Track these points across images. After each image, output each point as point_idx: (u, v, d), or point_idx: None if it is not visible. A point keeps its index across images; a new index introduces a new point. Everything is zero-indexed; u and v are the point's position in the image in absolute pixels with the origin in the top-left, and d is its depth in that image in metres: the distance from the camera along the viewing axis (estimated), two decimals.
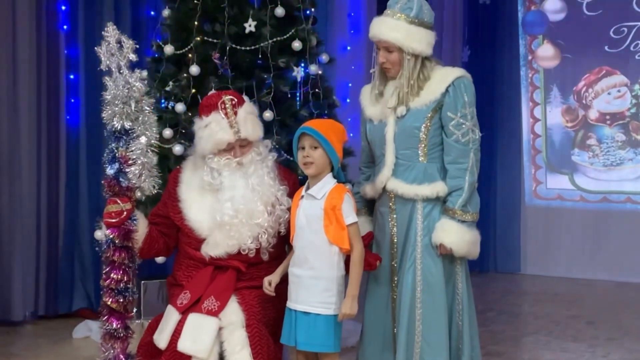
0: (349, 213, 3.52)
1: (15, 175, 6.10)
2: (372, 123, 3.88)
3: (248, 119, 3.84)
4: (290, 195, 3.80)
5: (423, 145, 3.72)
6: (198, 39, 4.96)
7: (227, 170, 3.81)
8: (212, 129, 3.80)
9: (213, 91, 4.50)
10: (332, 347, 3.53)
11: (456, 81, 3.70)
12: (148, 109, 3.44)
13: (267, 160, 3.90)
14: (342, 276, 3.55)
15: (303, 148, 3.59)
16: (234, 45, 4.97)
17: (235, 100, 3.86)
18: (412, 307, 3.68)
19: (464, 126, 3.68)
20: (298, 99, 5.18)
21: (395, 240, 3.78)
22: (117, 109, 3.37)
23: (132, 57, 3.43)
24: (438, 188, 3.70)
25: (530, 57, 8.88)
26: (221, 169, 3.82)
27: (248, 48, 4.99)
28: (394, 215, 3.78)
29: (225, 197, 3.78)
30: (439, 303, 3.68)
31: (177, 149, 4.71)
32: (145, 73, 5.06)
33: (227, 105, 3.83)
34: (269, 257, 3.84)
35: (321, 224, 3.52)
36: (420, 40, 3.72)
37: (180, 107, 4.87)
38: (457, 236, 3.65)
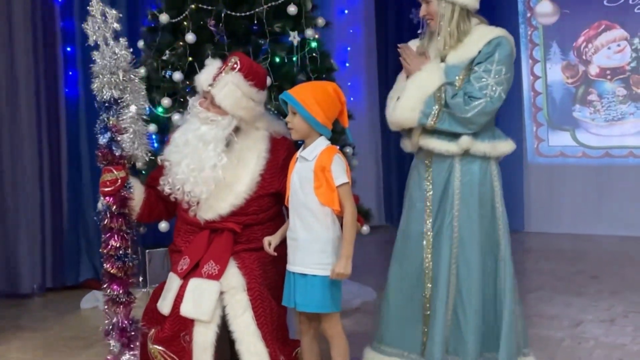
0: (338, 174, 3.52)
1: (17, 149, 6.13)
2: None
3: (228, 85, 3.80)
4: (287, 160, 3.80)
5: None
6: (193, 6, 4.94)
7: (195, 119, 3.84)
8: (205, 69, 3.91)
9: (210, 59, 4.49)
10: (329, 307, 3.56)
11: (494, 40, 3.68)
12: (136, 78, 3.46)
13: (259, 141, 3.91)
14: (337, 237, 3.55)
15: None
16: (229, 12, 4.95)
17: (238, 65, 3.85)
18: (448, 263, 3.72)
19: (483, 80, 3.66)
20: (295, 64, 5.16)
21: (430, 197, 3.80)
22: (105, 79, 3.39)
23: (116, 26, 3.44)
24: (463, 143, 3.70)
25: (528, 14, 8.83)
26: (192, 113, 3.85)
27: (243, 14, 4.97)
28: (430, 172, 3.81)
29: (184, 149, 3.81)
30: (474, 259, 3.70)
31: (176, 117, 4.71)
32: (141, 43, 5.12)
33: (229, 62, 3.86)
34: (264, 217, 3.87)
35: (312, 185, 3.53)
36: None
37: (177, 75, 4.86)
38: (424, 78, 3.68)
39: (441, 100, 3.68)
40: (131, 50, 3.51)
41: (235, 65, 3.84)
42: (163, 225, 4.74)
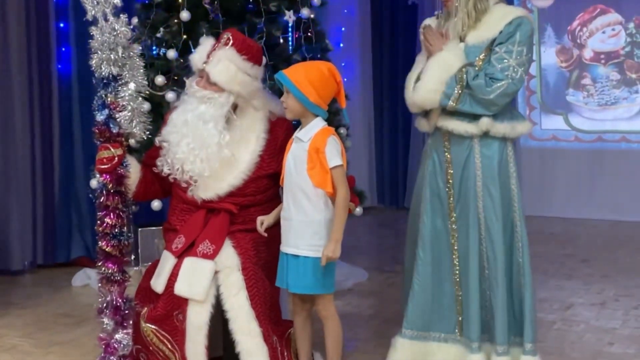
0: (332, 156, 3.50)
1: (8, 125, 6.10)
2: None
3: (222, 61, 3.77)
4: (285, 141, 3.78)
5: None
6: None
7: (192, 98, 3.80)
8: (198, 48, 3.87)
9: (204, 37, 4.46)
10: (322, 289, 3.56)
11: (515, 20, 3.65)
12: (135, 55, 3.43)
13: (260, 113, 3.89)
14: (330, 220, 3.53)
15: None
16: None
17: (231, 40, 3.82)
18: (477, 245, 3.72)
19: (505, 61, 3.62)
20: (290, 43, 5.14)
21: (451, 178, 3.78)
22: (104, 55, 3.36)
23: (117, 2, 3.41)
24: (483, 125, 3.67)
25: None
26: (189, 93, 3.82)
27: None
28: (449, 154, 3.78)
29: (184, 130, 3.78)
30: (498, 240, 3.69)
31: (170, 95, 4.68)
32: (135, 20, 5.08)
33: (222, 38, 3.82)
34: (261, 199, 3.86)
35: (306, 167, 3.52)
36: None
37: (171, 53, 4.83)
38: (446, 59, 3.65)
39: (463, 81, 3.64)
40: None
41: (228, 41, 3.82)
42: (156, 204, 4.72)
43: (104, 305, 3.47)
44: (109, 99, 3.37)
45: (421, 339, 3.88)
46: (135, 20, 5.13)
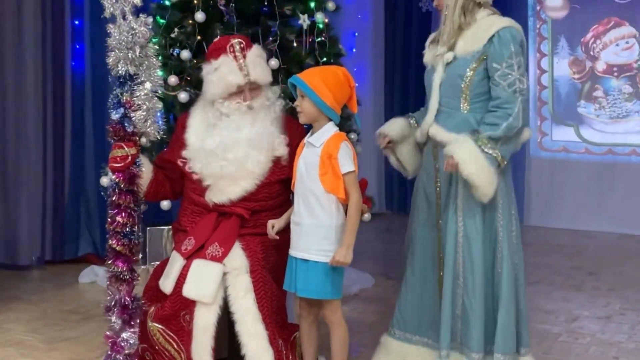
0: (345, 162, 3.51)
1: (21, 121, 6.12)
2: (426, 68, 3.89)
3: (257, 62, 3.84)
4: (294, 146, 3.79)
5: (465, 95, 3.71)
6: None
7: (237, 115, 3.81)
8: (222, 72, 3.80)
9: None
10: (330, 294, 3.57)
11: (502, 31, 3.66)
12: (152, 55, 3.43)
13: (276, 106, 3.91)
14: (341, 225, 3.55)
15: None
16: None
17: (244, 43, 3.86)
18: (454, 252, 3.73)
19: (509, 76, 3.63)
20: (304, 47, 5.14)
21: (439, 185, 3.82)
22: (121, 54, 3.36)
23: (137, 1, 3.41)
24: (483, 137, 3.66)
25: (538, 7, 8.80)
26: (231, 113, 3.82)
27: None
28: (437, 163, 3.82)
29: (228, 141, 3.78)
30: (476, 250, 3.70)
31: (183, 96, 4.69)
32: (150, 20, 5.09)
33: (236, 49, 3.83)
34: (272, 204, 3.86)
35: (318, 172, 3.53)
36: None
37: (185, 54, 4.84)
38: (471, 156, 3.55)
39: (489, 144, 3.60)
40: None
41: (244, 46, 3.85)
42: (165, 204, 4.73)
43: (112, 303, 3.46)
44: (124, 98, 3.37)
45: (407, 340, 3.92)
46: (149, 19, 5.15)
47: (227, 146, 3.77)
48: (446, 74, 3.73)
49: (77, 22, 6.43)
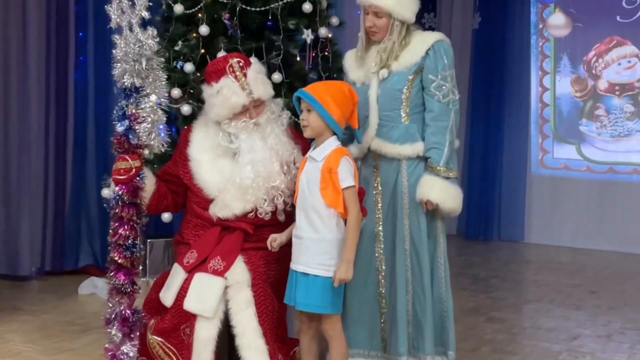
0: (344, 176, 3.52)
1: (24, 132, 6.12)
2: (355, 86, 3.94)
3: (258, 79, 3.86)
4: (304, 155, 3.80)
5: (405, 107, 3.83)
6: None
7: (244, 133, 3.82)
8: (225, 94, 3.81)
9: (222, 52, 4.50)
10: (330, 308, 3.56)
11: (436, 44, 3.82)
12: (158, 67, 3.44)
13: (282, 118, 3.93)
14: (342, 239, 3.55)
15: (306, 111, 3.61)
16: (244, 6, 4.93)
17: (242, 61, 3.88)
18: (403, 261, 3.80)
19: (444, 87, 3.79)
20: (307, 61, 5.15)
21: (380, 199, 3.89)
22: (128, 66, 3.36)
23: (145, 14, 3.42)
24: (419, 148, 3.82)
25: (541, 26, 8.82)
26: (239, 132, 3.83)
27: (258, 9, 4.96)
28: (378, 175, 3.90)
29: (244, 160, 3.79)
30: (423, 256, 3.80)
31: (186, 109, 4.70)
32: (155, 32, 5.11)
33: (235, 68, 3.84)
34: (284, 219, 3.86)
35: (319, 186, 3.53)
36: (409, 8, 3.85)
37: (189, 67, 4.85)
38: (443, 191, 3.75)
39: (451, 171, 3.80)
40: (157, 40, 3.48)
41: (242, 64, 3.86)
42: (166, 216, 4.72)
43: (113, 316, 3.46)
44: (129, 110, 3.37)
45: (349, 355, 3.89)
46: (155, 31, 5.16)
47: (254, 170, 3.79)
48: (381, 89, 3.85)
49: (80, 34, 6.45)
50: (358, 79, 3.96)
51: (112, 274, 3.44)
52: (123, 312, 3.43)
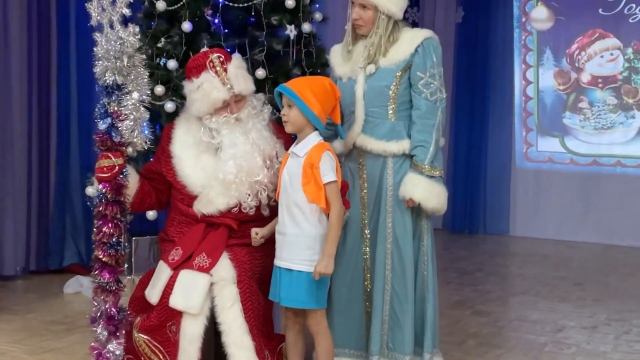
0: (326, 172, 3.51)
1: (6, 132, 6.09)
2: (341, 81, 3.94)
3: (239, 74, 3.85)
4: (287, 150, 3.80)
5: (392, 103, 3.83)
6: None
7: (226, 129, 3.82)
8: (205, 89, 3.80)
9: (205, 48, 4.49)
10: (314, 304, 3.56)
11: (425, 42, 3.82)
12: (140, 64, 3.42)
13: (264, 113, 3.92)
14: (324, 235, 3.54)
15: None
16: (226, 2, 4.92)
17: (223, 57, 3.88)
18: (384, 259, 3.81)
19: (432, 85, 3.79)
20: (291, 57, 5.14)
21: (366, 196, 3.88)
22: (109, 64, 3.34)
23: (126, 11, 3.40)
24: (405, 145, 3.81)
25: (524, 19, 8.85)
26: (220, 127, 3.82)
27: (241, 5, 4.94)
28: (364, 172, 3.89)
29: (226, 155, 3.79)
30: (407, 255, 3.80)
31: (169, 106, 4.68)
32: (137, 29, 5.09)
33: (215, 64, 3.84)
34: (269, 213, 3.85)
35: (301, 182, 3.53)
36: (396, 3, 3.83)
37: (172, 64, 4.83)
38: (426, 190, 3.74)
39: (436, 170, 3.79)
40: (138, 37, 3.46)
41: (223, 59, 3.86)
42: (151, 214, 4.70)
43: (98, 314, 3.44)
44: (111, 108, 3.36)
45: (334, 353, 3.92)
46: (137, 29, 5.13)
47: (235, 165, 3.78)
48: (368, 85, 3.84)
49: (64, 33, 6.42)
50: (344, 73, 3.94)
51: (96, 272, 3.43)
52: (108, 310, 3.42)
